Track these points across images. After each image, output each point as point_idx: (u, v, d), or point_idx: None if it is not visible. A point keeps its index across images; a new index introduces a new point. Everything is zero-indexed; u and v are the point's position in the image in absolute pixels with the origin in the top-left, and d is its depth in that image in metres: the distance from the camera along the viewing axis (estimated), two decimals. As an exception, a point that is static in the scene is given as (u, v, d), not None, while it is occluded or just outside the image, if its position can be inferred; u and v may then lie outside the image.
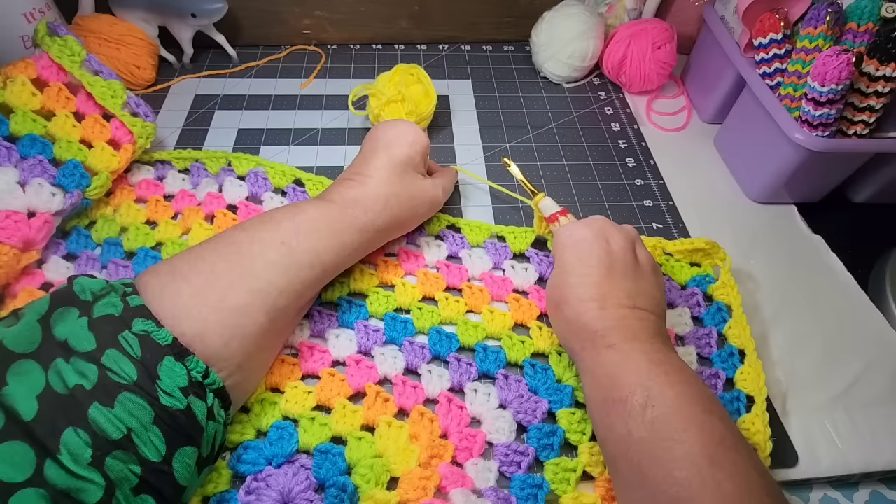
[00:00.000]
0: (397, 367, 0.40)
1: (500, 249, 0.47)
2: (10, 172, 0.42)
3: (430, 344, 0.41)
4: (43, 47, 0.47)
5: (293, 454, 0.35)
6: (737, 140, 0.56)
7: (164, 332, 0.29)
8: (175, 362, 0.29)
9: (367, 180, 0.40)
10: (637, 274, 0.37)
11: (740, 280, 0.47)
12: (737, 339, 0.42)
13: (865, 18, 0.43)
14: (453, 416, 0.37)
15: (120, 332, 0.28)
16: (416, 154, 0.43)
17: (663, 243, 0.47)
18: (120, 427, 0.26)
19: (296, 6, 0.64)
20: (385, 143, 0.42)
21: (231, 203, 0.48)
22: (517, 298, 0.44)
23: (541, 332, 0.42)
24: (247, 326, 0.32)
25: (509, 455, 0.36)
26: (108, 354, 0.27)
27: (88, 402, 0.25)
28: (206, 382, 0.30)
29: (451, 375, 0.39)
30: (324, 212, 0.38)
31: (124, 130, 0.47)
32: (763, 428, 0.37)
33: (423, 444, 0.36)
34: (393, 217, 0.41)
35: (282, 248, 0.35)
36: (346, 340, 0.41)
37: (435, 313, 0.42)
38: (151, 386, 0.27)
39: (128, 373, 0.27)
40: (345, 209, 0.38)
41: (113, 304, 0.29)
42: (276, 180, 0.50)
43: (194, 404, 0.29)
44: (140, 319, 0.29)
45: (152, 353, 0.28)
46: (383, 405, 0.38)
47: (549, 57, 0.63)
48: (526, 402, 0.38)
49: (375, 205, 0.40)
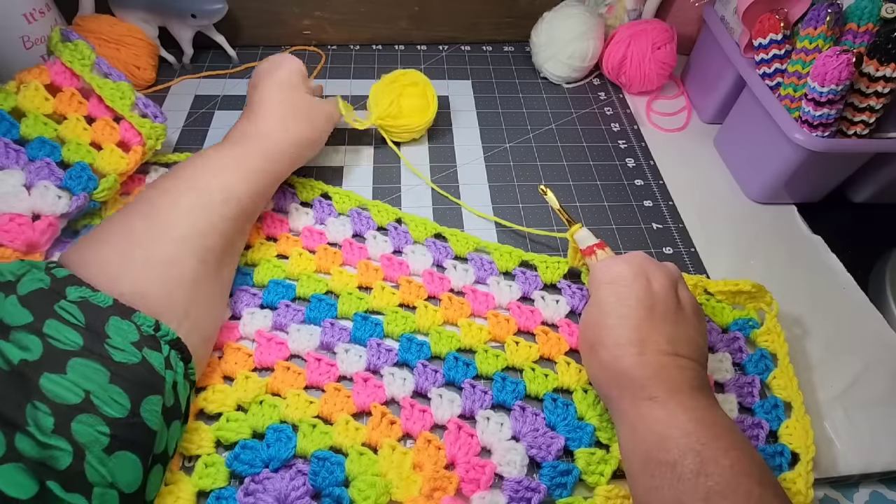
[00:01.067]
0: (406, 388, 0.38)
1: (530, 279, 0.45)
2: (17, 175, 0.42)
3: (445, 369, 0.39)
4: (56, 53, 0.47)
5: (290, 459, 0.35)
6: (737, 140, 0.56)
7: (101, 296, 0.29)
8: (122, 321, 0.29)
9: (257, 108, 0.43)
10: (679, 317, 0.35)
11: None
12: (782, 391, 0.39)
13: (865, 19, 0.43)
14: (462, 443, 0.36)
15: (55, 303, 0.28)
16: (296, 75, 0.46)
17: (704, 282, 0.45)
18: (77, 391, 0.26)
19: (296, 6, 0.64)
20: (264, 73, 0.45)
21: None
22: (545, 331, 0.42)
23: (568, 368, 0.40)
24: (182, 274, 0.33)
25: (519, 491, 0.34)
26: (49, 324, 0.27)
27: (37, 374, 0.25)
28: (159, 335, 0.30)
29: (464, 402, 0.37)
30: (225, 150, 0.40)
31: (133, 132, 0.47)
32: (806, 490, 0.35)
33: (426, 476, 0.34)
34: (295, 135, 0.43)
35: (191, 192, 0.36)
36: (355, 356, 0.39)
37: (454, 339, 0.41)
38: (101, 347, 0.27)
39: (73, 339, 0.27)
40: (246, 142, 0.40)
41: (39, 278, 0.29)
42: (305, 194, 0.50)
43: (149, 356, 0.29)
44: (73, 287, 0.29)
45: (95, 316, 0.28)
46: (388, 427, 0.36)
47: (549, 57, 0.63)
48: (541, 436, 0.36)
49: (273, 126, 0.42)
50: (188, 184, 0.36)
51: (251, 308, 0.42)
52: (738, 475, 0.28)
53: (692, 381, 0.33)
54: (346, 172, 0.54)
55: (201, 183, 0.37)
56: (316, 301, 0.42)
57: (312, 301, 0.42)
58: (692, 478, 0.29)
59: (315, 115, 0.46)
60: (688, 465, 0.29)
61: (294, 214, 0.48)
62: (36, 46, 0.52)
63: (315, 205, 0.49)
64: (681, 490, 0.29)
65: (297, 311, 0.42)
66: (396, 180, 0.53)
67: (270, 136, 0.41)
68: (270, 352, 0.39)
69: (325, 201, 0.50)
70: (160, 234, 0.33)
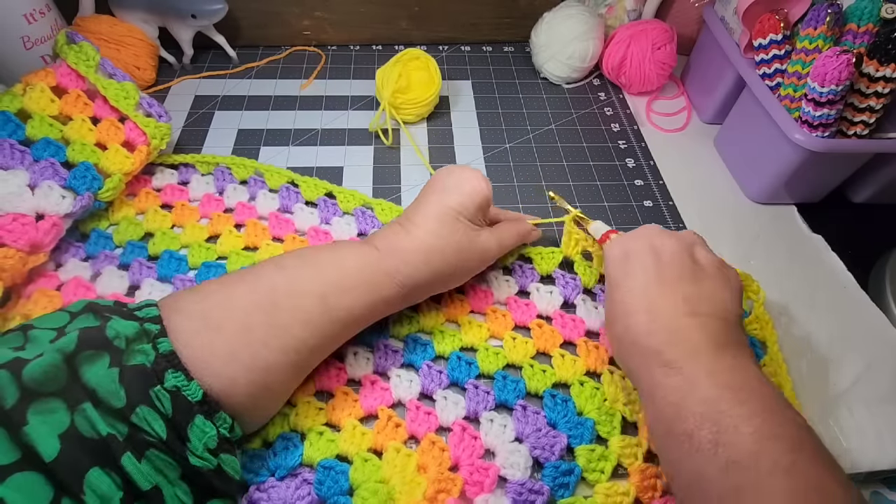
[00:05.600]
0: (412, 391, 0.38)
1: (527, 272, 0.45)
2: (21, 175, 0.42)
3: (449, 370, 0.39)
4: (62, 55, 0.47)
5: (297, 467, 0.35)
6: (737, 141, 0.56)
7: (193, 387, 0.28)
8: (205, 421, 0.28)
9: (413, 229, 0.37)
10: (697, 277, 0.34)
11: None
12: (773, 378, 0.39)
13: (865, 19, 0.43)
14: (466, 446, 0.36)
15: (151, 387, 0.27)
16: (472, 204, 0.39)
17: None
18: (148, 480, 0.26)
19: (296, 7, 0.64)
20: (440, 189, 0.39)
21: (262, 214, 0.49)
22: (540, 325, 0.42)
23: (563, 361, 0.40)
24: (274, 383, 0.32)
25: (523, 494, 0.34)
26: (138, 413, 0.26)
27: (122, 450, 0.25)
28: (231, 436, 0.30)
29: (468, 404, 0.38)
30: (366, 261, 0.36)
31: (138, 132, 0.47)
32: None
33: (430, 477, 0.34)
34: (434, 272, 0.37)
35: (320, 303, 0.33)
36: (363, 360, 0.40)
37: (457, 337, 0.41)
38: (181, 447, 0.27)
39: (157, 431, 0.26)
40: (387, 258, 0.36)
41: (144, 351, 0.28)
42: (308, 194, 0.50)
43: (225, 462, 0.29)
44: (171, 371, 0.28)
45: (182, 411, 0.27)
46: (394, 430, 0.36)
47: (549, 58, 0.63)
48: (544, 436, 0.36)
49: (416, 257, 0.36)
50: (320, 290, 0.33)
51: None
52: (762, 441, 0.26)
53: (717, 338, 0.31)
54: (346, 172, 0.54)
55: (332, 299, 0.33)
56: None
57: None
58: (710, 448, 0.27)
59: (465, 258, 0.39)
60: (705, 435, 0.27)
61: (299, 214, 0.49)
62: (36, 47, 0.51)
63: (320, 204, 0.49)
64: (699, 462, 0.27)
65: None
66: (396, 180, 0.53)
67: (408, 266, 0.36)
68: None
69: (329, 200, 0.50)
70: (273, 339, 0.31)
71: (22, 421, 0.23)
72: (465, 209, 0.38)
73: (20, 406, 0.24)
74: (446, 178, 0.40)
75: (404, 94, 0.56)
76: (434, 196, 0.39)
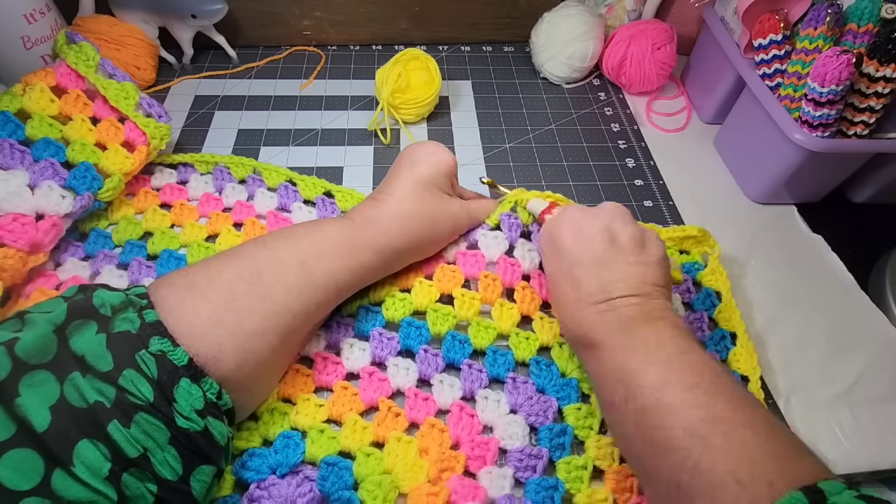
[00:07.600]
0: (410, 378, 0.39)
1: (513, 224, 0.45)
2: (21, 175, 0.42)
3: (444, 351, 0.40)
4: (62, 55, 0.47)
5: (298, 465, 0.35)
6: (737, 140, 0.56)
7: (179, 352, 0.28)
8: (191, 384, 0.28)
9: (386, 198, 0.40)
10: (610, 257, 0.36)
11: (740, 280, 0.47)
12: (727, 323, 0.43)
13: (865, 19, 0.43)
14: (464, 424, 0.37)
15: (137, 351, 0.27)
16: (440, 173, 0.41)
17: (656, 230, 0.47)
18: (136, 446, 0.26)
19: (296, 7, 0.64)
20: (409, 162, 0.41)
21: (260, 213, 0.49)
22: (524, 287, 0.43)
23: (542, 323, 0.42)
24: (260, 350, 0.32)
25: (523, 460, 0.35)
26: (126, 375, 0.27)
27: (108, 418, 0.25)
28: (220, 403, 0.30)
29: (463, 384, 0.39)
30: (343, 231, 0.37)
31: (138, 132, 0.47)
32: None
33: (432, 458, 0.35)
34: (411, 238, 0.40)
35: (300, 269, 0.35)
36: (359, 351, 0.40)
37: (451, 315, 0.42)
38: (168, 408, 0.27)
39: (144, 393, 0.27)
40: (363, 228, 0.38)
41: (130, 319, 0.28)
42: (306, 192, 0.50)
43: (212, 425, 0.29)
44: (156, 338, 0.28)
45: (168, 373, 0.28)
46: (394, 420, 0.37)
47: (549, 58, 0.63)
48: (536, 403, 0.38)
49: (391, 226, 0.39)
50: (299, 258, 0.35)
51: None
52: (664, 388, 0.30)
53: (634, 317, 0.34)
54: (346, 172, 0.54)
55: (310, 262, 0.35)
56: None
57: None
58: (622, 405, 0.31)
59: (439, 223, 0.42)
60: (618, 396, 0.32)
61: (297, 213, 0.49)
62: (36, 47, 0.51)
63: (318, 203, 0.50)
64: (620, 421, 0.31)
65: None
66: (397, 180, 0.53)
67: (386, 233, 0.39)
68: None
69: (327, 199, 0.50)
70: (257, 305, 0.32)
71: (14, 393, 0.24)
72: (434, 178, 0.41)
73: (12, 378, 0.24)
74: (414, 152, 0.43)
75: (404, 93, 0.56)
76: (404, 169, 0.41)
